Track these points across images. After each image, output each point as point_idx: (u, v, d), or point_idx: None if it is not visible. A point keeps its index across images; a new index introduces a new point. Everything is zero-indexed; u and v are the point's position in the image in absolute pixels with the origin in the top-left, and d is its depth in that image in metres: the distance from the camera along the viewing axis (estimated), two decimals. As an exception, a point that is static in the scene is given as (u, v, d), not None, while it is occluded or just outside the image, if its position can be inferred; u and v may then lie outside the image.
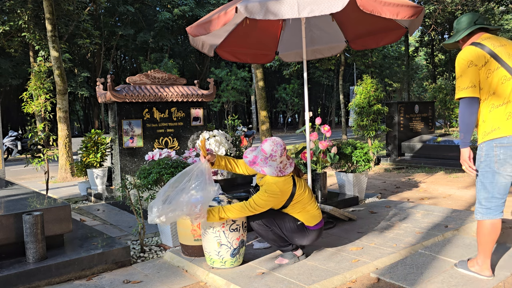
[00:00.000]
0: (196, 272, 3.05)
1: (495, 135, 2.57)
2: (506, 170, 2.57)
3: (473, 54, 2.57)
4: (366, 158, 5.08)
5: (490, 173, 2.63)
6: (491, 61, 2.55)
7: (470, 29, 2.69)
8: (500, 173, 2.59)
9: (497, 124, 2.56)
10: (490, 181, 2.63)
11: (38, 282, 2.86)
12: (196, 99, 6.31)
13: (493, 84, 2.55)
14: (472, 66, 2.55)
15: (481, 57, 2.56)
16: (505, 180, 2.60)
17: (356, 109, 8.91)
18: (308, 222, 3.02)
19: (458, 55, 2.65)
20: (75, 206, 5.83)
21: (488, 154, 2.62)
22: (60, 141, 8.51)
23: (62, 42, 17.21)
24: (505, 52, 2.58)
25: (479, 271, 2.76)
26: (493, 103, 2.57)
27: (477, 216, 2.72)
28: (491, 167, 2.62)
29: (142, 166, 3.83)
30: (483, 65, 2.56)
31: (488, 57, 2.55)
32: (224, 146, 5.79)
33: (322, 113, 44.64)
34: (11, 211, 3.08)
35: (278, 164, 2.91)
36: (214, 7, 25.12)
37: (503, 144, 2.55)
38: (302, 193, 3.00)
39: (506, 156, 2.55)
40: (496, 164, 2.59)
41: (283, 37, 5.04)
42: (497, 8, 20.77)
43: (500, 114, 2.56)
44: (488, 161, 2.62)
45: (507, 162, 2.56)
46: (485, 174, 2.66)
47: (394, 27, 4.40)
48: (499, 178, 2.60)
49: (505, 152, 2.55)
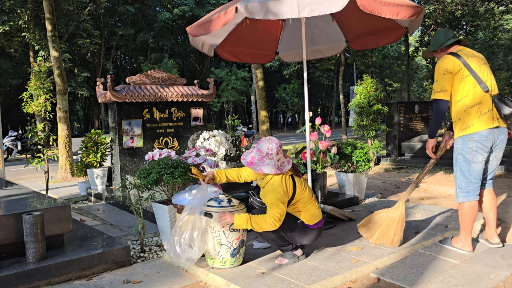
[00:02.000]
0: (196, 272, 3.05)
1: (469, 131, 3.09)
2: (478, 159, 3.11)
3: (450, 63, 3.11)
4: (366, 158, 5.08)
5: (466, 162, 3.14)
6: (463, 69, 3.08)
7: (450, 41, 3.24)
8: (474, 162, 3.12)
9: (471, 122, 3.08)
10: (467, 169, 3.15)
11: (38, 282, 2.86)
12: (196, 99, 6.31)
13: (466, 88, 3.08)
14: (447, 73, 3.11)
15: (456, 65, 3.09)
16: (479, 167, 3.14)
17: (356, 109, 8.91)
18: (308, 221, 3.02)
19: (438, 63, 3.18)
20: (75, 206, 5.83)
21: (463, 147, 3.14)
22: (60, 141, 8.51)
23: (62, 42, 17.20)
24: (476, 62, 3.12)
25: (462, 247, 3.22)
26: (467, 104, 3.08)
27: (458, 200, 3.21)
28: (466, 158, 3.13)
29: (142, 166, 3.83)
30: (457, 72, 3.09)
31: (461, 65, 3.09)
32: (224, 146, 5.79)
33: (322, 113, 44.64)
34: (11, 211, 3.08)
35: (275, 162, 2.94)
36: (214, 7, 25.10)
37: (475, 138, 3.08)
38: (302, 192, 3.01)
39: (477, 148, 3.09)
40: (470, 154, 3.11)
41: (283, 37, 5.03)
42: (497, 8, 20.76)
43: (473, 113, 3.07)
44: (464, 153, 3.14)
45: (479, 153, 3.10)
46: (462, 164, 3.17)
47: (394, 27, 4.39)
48: (474, 166, 3.13)
49: (476, 144, 3.08)
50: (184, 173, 3.55)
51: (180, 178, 3.52)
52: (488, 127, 3.06)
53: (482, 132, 3.06)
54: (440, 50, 3.32)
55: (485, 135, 3.06)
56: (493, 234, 3.33)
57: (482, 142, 3.07)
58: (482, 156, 3.10)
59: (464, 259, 3.08)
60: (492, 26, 25.78)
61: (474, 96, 3.06)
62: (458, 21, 24.32)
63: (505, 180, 6.48)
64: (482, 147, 3.08)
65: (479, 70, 3.11)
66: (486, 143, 3.08)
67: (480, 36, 29.97)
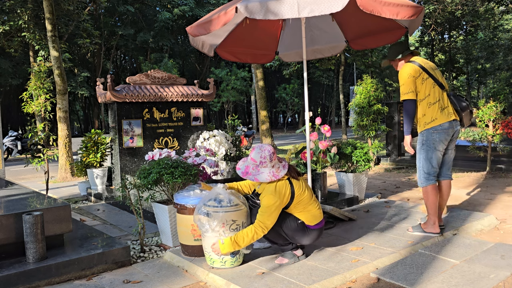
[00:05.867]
0: (196, 272, 3.05)
1: (434, 124, 3.60)
2: (440, 147, 3.64)
3: (412, 69, 3.61)
4: (366, 158, 5.08)
5: (430, 151, 3.64)
6: (423, 73, 3.60)
7: (407, 52, 3.78)
8: (437, 150, 3.63)
9: (434, 116, 3.60)
10: (430, 157, 3.64)
11: (38, 282, 2.86)
12: (196, 99, 6.31)
13: (427, 89, 3.61)
14: (411, 77, 3.59)
15: (416, 70, 3.60)
16: (440, 155, 3.67)
17: (356, 109, 8.91)
18: (308, 222, 3.02)
19: (400, 71, 3.68)
20: (75, 206, 5.83)
21: (428, 138, 3.64)
22: (60, 141, 8.50)
23: (62, 42, 17.19)
24: (430, 67, 3.67)
25: (431, 230, 3.65)
26: (429, 102, 3.61)
27: (422, 184, 3.69)
28: (430, 147, 3.63)
29: (142, 166, 3.83)
30: (418, 76, 3.60)
31: (421, 70, 3.61)
32: (224, 146, 5.79)
33: (322, 113, 44.63)
34: (11, 211, 3.08)
35: (270, 169, 2.94)
36: (214, 7, 25.10)
37: (438, 130, 3.60)
38: (302, 193, 3.00)
39: (440, 138, 3.61)
40: (434, 144, 3.62)
41: (283, 37, 5.03)
42: (497, 8, 20.76)
43: (435, 109, 3.60)
44: (429, 143, 3.63)
45: (442, 142, 3.62)
46: (427, 152, 3.65)
47: (394, 27, 4.39)
48: (437, 153, 3.64)
49: (439, 135, 3.60)
50: (184, 173, 3.55)
51: (180, 178, 3.52)
52: (448, 119, 3.61)
53: (444, 124, 3.60)
54: (398, 60, 3.84)
55: (447, 127, 3.61)
56: (440, 217, 3.86)
57: (444, 133, 3.61)
58: (443, 145, 3.66)
59: (464, 259, 3.08)
60: (492, 26, 25.77)
61: (435, 94, 3.61)
62: (458, 21, 24.33)
63: (505, 180, 6.48)
64: (444, 137, 3.62)
65: (434, 73, 3.66)
66: (447, 133, 3.62)
67: (480, 36, 29.97)
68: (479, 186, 6.12)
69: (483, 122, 7.00)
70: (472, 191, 5.78)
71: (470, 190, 5.82)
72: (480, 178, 6.80)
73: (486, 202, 5.06)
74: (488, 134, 6.93)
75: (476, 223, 3.99)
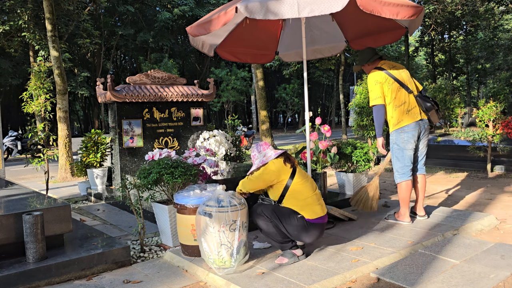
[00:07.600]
0: (196, 272, 3.05)
1: (401, 125, 3.88)
2: (409, 146, 3.91)
3: (378, 76, 3.89)
4: (366, 158, 5.08)
5: (400, 150, 3.93)
6: (389, 78, 3.86)
7: (375, 57, 4.03)
8: (406, 149, 3.91)
9: (401, 118, 3.88)
10: (401, 155, 3.94)
11: (38, 282, 2.86)
12: (196, 99, 6.31)
13: (393, 93, 3.86)
14: (378, 83, 3.86)
15: (382, 76, 3.87)
16: (410, 153, 3.94)
17: (356, 109, 8.91)
18: (308, 216, 3.03)
19: (368, 77, 3.96)
20: (75, 206, 5.83)
21: (397, 138, 3.93)
22: (60, 141, 8.50)
23: (62, 42, 17.19)
24: (396, 71, 3.91)
25: (403, 219, 4.00)
26: (396, 104, 3.87)
27: (397, 180, 4.01)
28: (400, 146, 3.92)
29: (142, 166, 3.83)
30: (384, 81, 3.86)
31: (387, 76, 3.87)
32: (224, 146, 5.79)
33: (322, 113, 44.63)
34: (11, 211, 3.08)
35: (262, 158, 3.19)
36: (214, 7, 25.09)
37: (405, 130, 3.88)
38: (303, 181, 3.07)
39: (408, 137, 3.88)
40: (403, 143, 3.90)
41: (283, 37, 5.03)
42: (497, 8, 20.77)
43: (401, 111, 3.87)
44: (398, 142, 3.92)
45: (409, 141, 3.89)
46: (398, 151, 3.95)
47: (394, 27, 4.39)
48: (406, 152, 3.92)
49: (407, 135, 3.88)
50: (184, 173, 3.55)
51: (180, 178, 3.51)
52: (415, 120, 3.87)
53: (411, 124, 3.86)
54: (367, 65, 4.07)
55: (413, 127, 3.87)
56: (421, 208, 4.15)
57: (411, 132, 3.87)
58: (412, 144, 3.91)
59: (464, 259, 3.08)
60: (492, 26, 25.76)
61: (400, 97, 3.87)
62: (458, 21, 24.34)
63: (505, 180, 6.48)
64: (412, 136, 3.88)
65: (401, 77, 3.90)
66: (414, 132, 3.89)
67: (480, 36, 29.96)
68: (479, 186, 6.12)
69: (483, 122, 6.99)
70: (472, 191, 5.78)
71: (470, 190, 5.82)
72: (480, 178, 6.80)
73: (486, 202, 5.06)
74: (488, 134, 6.93)
75: (476, 223, 3.99)
